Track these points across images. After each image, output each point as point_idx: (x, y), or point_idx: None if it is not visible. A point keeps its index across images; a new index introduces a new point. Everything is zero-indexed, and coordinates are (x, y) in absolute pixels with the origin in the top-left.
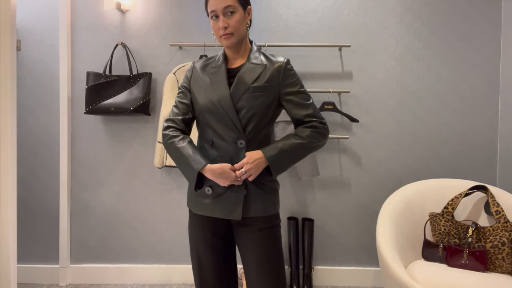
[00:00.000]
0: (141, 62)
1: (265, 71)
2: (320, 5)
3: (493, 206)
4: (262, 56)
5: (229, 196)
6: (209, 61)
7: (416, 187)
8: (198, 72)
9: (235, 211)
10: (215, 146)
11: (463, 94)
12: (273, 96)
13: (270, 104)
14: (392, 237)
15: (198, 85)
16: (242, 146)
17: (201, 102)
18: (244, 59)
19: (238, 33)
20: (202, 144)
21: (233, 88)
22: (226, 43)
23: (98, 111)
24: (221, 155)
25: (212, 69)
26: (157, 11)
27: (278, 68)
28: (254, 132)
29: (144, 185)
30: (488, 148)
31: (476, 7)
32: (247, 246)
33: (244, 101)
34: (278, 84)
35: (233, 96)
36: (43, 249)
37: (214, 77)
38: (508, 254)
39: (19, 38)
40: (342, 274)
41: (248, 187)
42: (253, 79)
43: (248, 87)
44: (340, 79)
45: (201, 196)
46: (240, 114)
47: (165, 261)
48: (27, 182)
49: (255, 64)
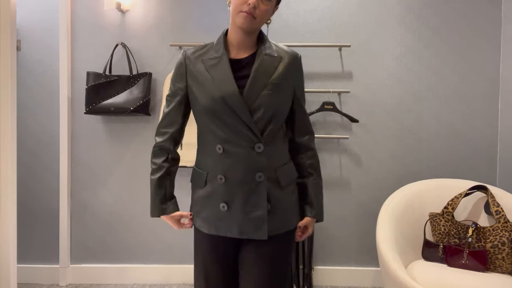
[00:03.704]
0: (141, 62)
1: (282, 64)
2: (320, 5)
3: (493, 206)
4: (274, 46)
5: (250, 211)
6: (202, 51)
7: (416, 187)
8: (193, 65)
9: (259, 229)
10: (227, 154)
11: (463, 94)
12: (290, 94)
13: (289, 103)
14: (392, 237)
15: (196, 82)
16: (260, 151)
17: (203, 103)
18: (251, 51)
19: (261, 21)
20: (209, 152)
21: (249, 84)
22: (244, 23)
23: (98, 111)
24: (236, 163)
25: (210, 61)
26: (157, 11)
27: (294, 62)
28: (273, 133)
29: (144, 185)
30: (488, 148)
31: (476, 7)
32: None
33: (263, 99)
34: (293, 80)
35: (249, 93)
36: (43, 249)
37: (215, 70)
38: (508, 254)
39: (19, 38)
40: (342, 274)
41: (271, 197)
42: (271, 73)
43: (266, 83)
44: (340, 79)
45: (214, 213)
46: (257, 114)
47: (165, 261)
48: (27, 182)
49: (270, 55)
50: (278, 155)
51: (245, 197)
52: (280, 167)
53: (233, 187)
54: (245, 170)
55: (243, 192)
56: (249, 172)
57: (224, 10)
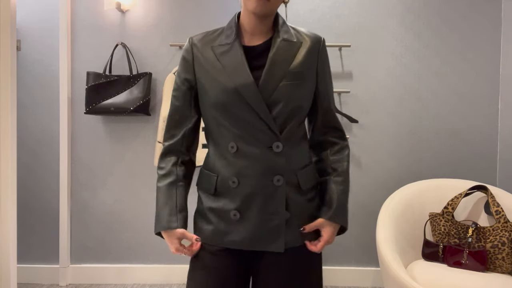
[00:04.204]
0: (141, 62)
1: (302, 50)
2: (320, 5)
3: (493, 206)
4: (293, 30)
5: (266, 220)
6: (211, 36)
7: (416, 187)
8: (201, 53)
9: (275, 240)
10: (241, 154)
11: (463, 94)
12: (312, 85)
13: (310, 94)
14: (392, 237)
15: (205, 72)
16: (279, 151)
17: (214, 95)
18: (266, 36)
19: (276, 2)
20: (220, 152)
21: (265, 74)
22: (256, 7)
23: (98, 111)
24: (252, 165)
25: (221, 48)
26: (157, 11)
27: (317, 47)
28: (292, 131)
29: (144, 185)
30: (488, 148)
31: (476, 7)
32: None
33: (282, 91)
34: (316, 70)
35: (266, 84)
36: (43, 249)
37: (227, 58)
38: (508, 254)
39: (19, 38)
40: (342, 274)
41: (290, 204)
42: (290, 61)
43: (286, 73)
44: (340, 79)
45: (223, 222)
46: (276, 109)
47: (165, 261)
48: (27, 182)
49: (288, 40)
50: (298, 156)
51: (261, 204)
52: (300, 169)
53: (247, 192)
54: (262, 173)
55: (258, 198)
56: (266, 175)
57: (224, 10)
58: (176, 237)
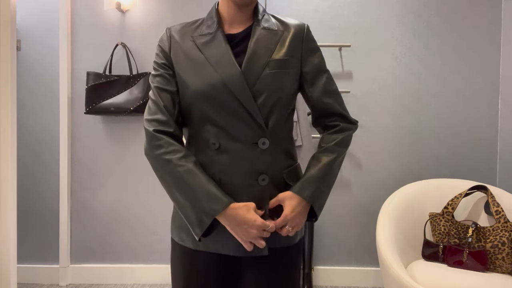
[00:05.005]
0: (141, 62)
1: (283, 39)
2: (320, 5)
3: (493, 206)
4: (274, 19)
5: None
6: (191, 27)
7: (416, 187)
8: (180, 43)
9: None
10: (224, 150)
11: (463, 94)
12: (295, 74)
13: (294, 85)
14: (392, 237)
15: (183, 62)
16: (265, 147)
17: (194, 88)
18: (246, 25)
19: None
20: (201, 148)
21: (246, 63)
22: None
23: (98, 111)
24: (235, 163)
25: (202, 38)
26: (157, 11)
27: (300, 34)
28: (278, 125)
29: (144, 185)
30: (488, 148)
31: (476, 7)
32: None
33: (264, 81)
34: (300, 57)
35: (248, 74)
36: (43, 249)
37: (210, 48)
38: (508, 254)
39: (19, 38)
40: (342, 274)
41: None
42: (272, 49)
43: (267, 61)
44: (340, 79)
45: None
46: (259, 101)
47: (165, 261)
48: (27, 182)
49: (269, 29)
50: (284, 155)
51: None
52: (286, 168)
53: (229, 192)
54: (246, 171)
55: (242, 199)
56: (251, 173)
57: None
58: (253, 208)
